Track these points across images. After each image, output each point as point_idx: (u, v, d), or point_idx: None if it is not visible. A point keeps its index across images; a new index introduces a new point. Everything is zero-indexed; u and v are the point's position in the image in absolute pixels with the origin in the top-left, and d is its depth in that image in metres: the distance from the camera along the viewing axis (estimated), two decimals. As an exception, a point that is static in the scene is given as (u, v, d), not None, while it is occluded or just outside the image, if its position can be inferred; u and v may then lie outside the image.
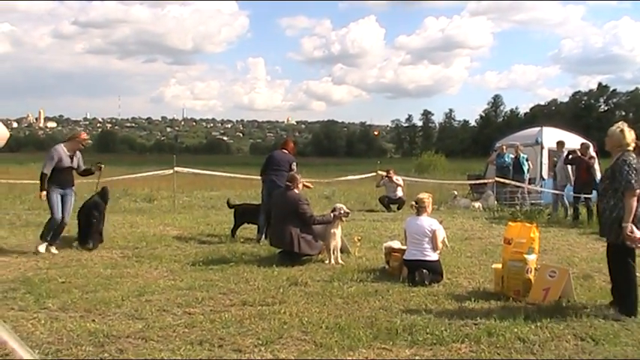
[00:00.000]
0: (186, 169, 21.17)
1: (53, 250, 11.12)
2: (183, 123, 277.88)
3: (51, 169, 11.04)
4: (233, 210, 13.69)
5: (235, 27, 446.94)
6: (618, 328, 6.93)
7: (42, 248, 11.02)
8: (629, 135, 7.58)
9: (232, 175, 22.72)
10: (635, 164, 7.34)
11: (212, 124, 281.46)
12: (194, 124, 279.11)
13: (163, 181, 23.26)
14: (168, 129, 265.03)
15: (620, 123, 7.86)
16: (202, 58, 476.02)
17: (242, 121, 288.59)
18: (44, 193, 11.03)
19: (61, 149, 11.23)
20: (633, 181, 7.24)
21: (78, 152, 11.50)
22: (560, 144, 19.57)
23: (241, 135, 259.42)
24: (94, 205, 11.94)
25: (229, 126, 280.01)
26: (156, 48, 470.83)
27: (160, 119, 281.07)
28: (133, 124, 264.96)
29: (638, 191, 7.26)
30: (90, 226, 11.74)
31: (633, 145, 7.62)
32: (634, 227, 7.19)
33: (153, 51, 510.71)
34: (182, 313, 7.34)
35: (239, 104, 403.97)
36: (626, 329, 6.90)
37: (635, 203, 7.27)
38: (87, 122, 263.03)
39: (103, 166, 12.08)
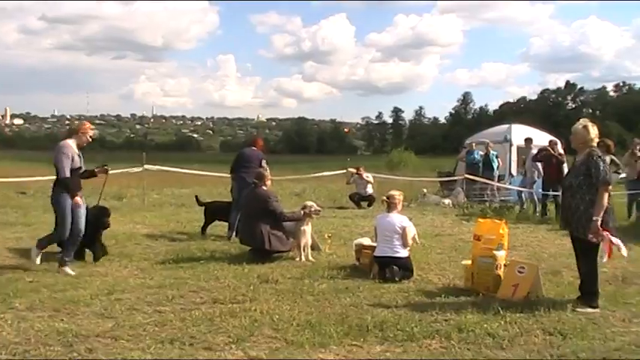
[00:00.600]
0: (156, 167, 21.02)
1: (68, 270, 9.33)
2: (153, 120, 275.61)
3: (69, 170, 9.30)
4: (203, 207, 13.65)
5: (205, 23, 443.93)
6: (585, 322, 7.01)
7: (37, 259, 9.77)
8: (593, 131, 7.71)
9: (203, 172, 22.67)
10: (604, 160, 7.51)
11: (182, 122, 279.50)
12: (164, 121, 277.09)
13: (133, 178, 23.07)
14: (138, 126, 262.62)
15: (582, 120, 7.96)
16: (172, 55, 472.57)
17: (212, 118, 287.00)
18: (77, 198, 9.38)
19: (71, 146, 9.49)
20: (607, 177, 7.45)
21: None
22: (529, 141, 19.73)
23: (211, 132, 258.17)
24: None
25: (199, 123, 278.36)
26: (125, 44, 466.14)
27: (129, 116, 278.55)
28: (102, 121, 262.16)
29: (610, 186, 7.45)
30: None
31: (597, 140, 7.74)
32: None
33: (122, 47, 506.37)
34: (152, 312, 7.31)
35: (209, 101, 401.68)
36: (593, 323, 6.98)
37: (607, 198, 7.42)
38: (54, 119, 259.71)
39: (109, 168, 10.49)
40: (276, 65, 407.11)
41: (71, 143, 9.47)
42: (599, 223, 7.37)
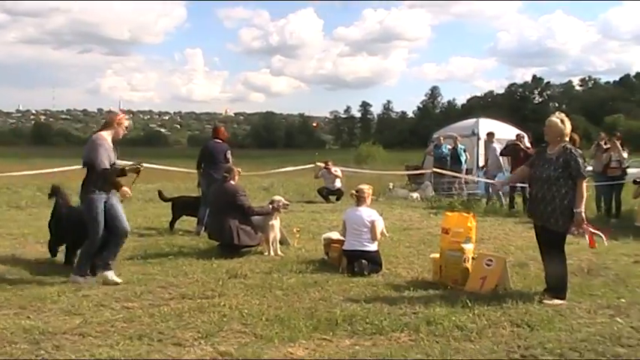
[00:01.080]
0: (122, 162, 20.84)
1: (113, 276, 8.46)
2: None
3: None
4: (171, 203, 13.57)
5: (173, 17, 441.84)
6: (552, 313, 7.08)
7: (80, 280, 8.39)
8: (569, 125, 7.81)
9: (170, 167, 22.52)
10: None
11: (149, 116, 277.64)
12: (131, 115, 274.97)
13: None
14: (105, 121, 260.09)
15: (558, 113, 8.04)
16: (139, 49, 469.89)
17: (180, 112, 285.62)
18: (125, 189, 8.63)
19: (107, 139, 8.52)
20: (584, 170, 7.63)
21: None
22: (490, 135, 19.92)
23: (179, 127, 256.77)
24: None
25: (167, 118, 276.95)
26: (92, 38, 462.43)
27: (96, 111, 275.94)
28: (68, 116, 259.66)
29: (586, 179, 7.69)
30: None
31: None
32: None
33: (88, 41, 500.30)
34: (120, 308, 7.25)
35: (177, 96, 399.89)
36: (560, 315, 7.05)
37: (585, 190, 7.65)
38: (19, 114, 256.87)
39: (141, 167, 9.33)
40: (244, 59, 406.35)
41: (106, 136, 8.50)
42: (583, 214, 7.59)
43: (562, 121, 7.78)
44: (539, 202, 7.78)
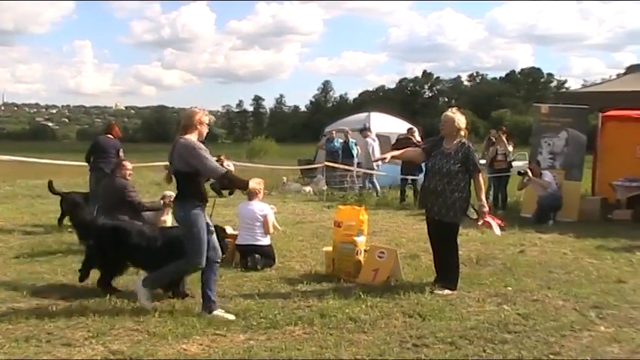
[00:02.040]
0: (7, 157, 20.15)
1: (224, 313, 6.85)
2: (3, 108, 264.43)
3: None
4: (61, 198, 13.18)
5: (60, 7, 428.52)
6: (443, 303, 7.25)
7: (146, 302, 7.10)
8: (464, 120, 8.01)
9: (59, 162, 21.90)
10: None
11: (36, 109, 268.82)
12: (16, 109, 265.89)
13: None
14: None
15: (454, 109, 8.23)
16: (25, 39, 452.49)
17: (68, 106, 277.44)
18: (255, 182, 8.06)
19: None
20: (479, 163, 7.98)
21: None
22: (366, 130, 20.43)
23: (67, 120, 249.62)
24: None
25: (54, 111, 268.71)
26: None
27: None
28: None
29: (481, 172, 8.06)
30: None
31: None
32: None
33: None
34: (6, 309, 7.03)
35: (65, 88, 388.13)
36: (450, 304, 7.23)
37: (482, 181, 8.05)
38: None
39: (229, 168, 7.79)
40: (135, 52, 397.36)
41: (193, 138, 7.16)
42: (486, 205, 8.02)
43: (458, 117, 7.97)
44: (437, 196, 7.90)
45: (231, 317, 6.70)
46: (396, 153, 8.83)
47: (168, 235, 7.76)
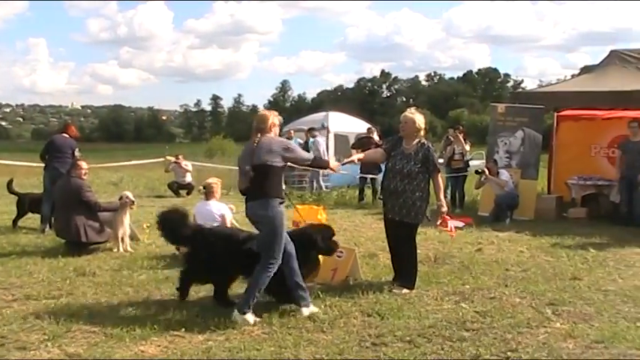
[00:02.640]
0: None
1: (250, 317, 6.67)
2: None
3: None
4: (17, 199, 13.00)
5: (13, 4, 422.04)
6: (401, 302, 7.28)
7: (250, 318, 6.63)
8: (424, 120, 8.06)
9: (12, 162, 21.60)
10: None
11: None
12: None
13: None
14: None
15: (412, 109, 8.27)
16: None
17: (22, 105, 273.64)
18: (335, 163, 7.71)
19: None
20: (438, 163, 8.06)
21: None
22: (311, 130, 20.72)
23: (22, 120, 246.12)
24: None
25: (8, 110, 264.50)
26: None
27: None
28: None
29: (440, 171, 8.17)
30: None
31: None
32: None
33: None
34: (-42, 313, 6.90)
35: (19, 87, 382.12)
36: (408, 303, 7.26)
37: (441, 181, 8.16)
38: None
39: None
40: (91, 50, 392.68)
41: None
42: (444, 205, 8.09)
43: (418, 117, 7.99)
44: (398, 196, 7.89)
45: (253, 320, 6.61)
46: (360, 156, 8.76)
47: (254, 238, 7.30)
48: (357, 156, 8.36)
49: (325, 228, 7.76)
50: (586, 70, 20.42)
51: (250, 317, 6.60)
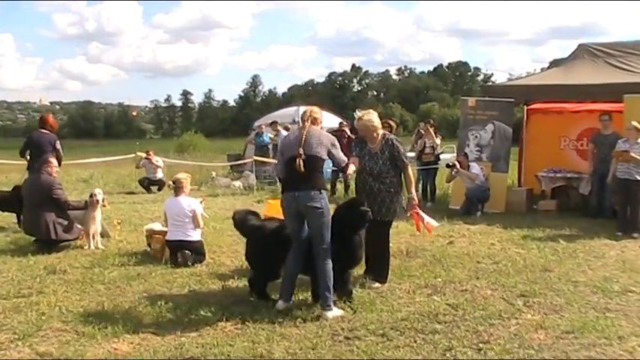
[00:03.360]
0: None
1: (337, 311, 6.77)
2: None
3: None
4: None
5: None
6: (374, 295, 7.32)
7: (338, 311, 6.73)
8: (377, 118, 8.01)
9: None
10: None
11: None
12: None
13: None
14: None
15: (363, 112, 8.03)
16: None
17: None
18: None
19: None
20: (406, 157, 8.02)
21: None
22: (274, 124, 20.79)
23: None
24: None
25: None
26: None
27: None
28: None
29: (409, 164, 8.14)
30: None
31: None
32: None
33: None
34: None
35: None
36: (381, 297, 7.29)
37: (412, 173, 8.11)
38: None
39: None
40: (59, 46, 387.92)
41: None
42: (416, 198, 8.06)
43: (368, 118, 7.88)
44: (375, 197, 7.80)
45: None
46: (356, 162, 8.38)
47: None
48: (352, 166, 8.04)
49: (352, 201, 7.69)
50: (555, 63, 20.57)
51: (337, 310, 6.71)
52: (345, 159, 7.33)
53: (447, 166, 15.09)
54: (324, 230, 6.77)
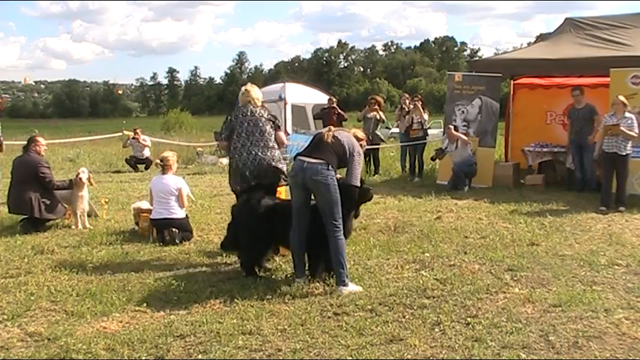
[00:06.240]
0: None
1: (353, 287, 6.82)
2: None
3: None
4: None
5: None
6: (362, 271, 7.34)
7: (354, 287, 6.76)
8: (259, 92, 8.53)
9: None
10: None
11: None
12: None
13: None
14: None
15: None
16: None
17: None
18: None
19: None
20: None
21: None
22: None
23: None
24: None
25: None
26: None
27: None
28: None
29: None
30: None
31: None
32: None
33: None
34: None
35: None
36: (369, 272, 7.31)
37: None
38: None
39: None
40: (42, 24, 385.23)
41: None
42: None
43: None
44: None
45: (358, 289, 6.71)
46: None
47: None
48: None
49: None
50: (541, 38, 20.54)
51: (353, 286, 6.71)
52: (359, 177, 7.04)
53: (433, 158, 15.26)
54: (332, 205, 6.70)
